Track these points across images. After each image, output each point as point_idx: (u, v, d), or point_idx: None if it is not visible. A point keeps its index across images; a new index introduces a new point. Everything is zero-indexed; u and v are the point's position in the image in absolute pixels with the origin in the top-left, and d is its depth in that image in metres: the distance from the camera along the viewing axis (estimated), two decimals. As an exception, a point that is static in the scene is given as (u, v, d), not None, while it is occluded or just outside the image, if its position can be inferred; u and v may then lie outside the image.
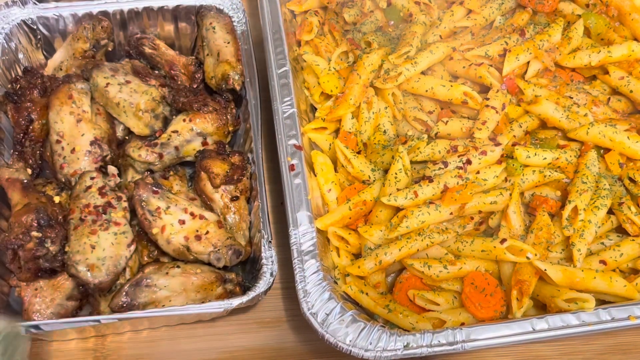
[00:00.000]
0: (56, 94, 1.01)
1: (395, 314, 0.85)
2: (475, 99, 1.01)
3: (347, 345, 0.79)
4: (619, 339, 0.95)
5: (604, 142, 0.97)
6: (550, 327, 0.81)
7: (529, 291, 0.84)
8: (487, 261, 0.89)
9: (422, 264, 0.87)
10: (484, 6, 1.12)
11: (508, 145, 0.96)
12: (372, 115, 1.02)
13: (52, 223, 0.89)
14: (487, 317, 0.85)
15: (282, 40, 1.07)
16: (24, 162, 1.01)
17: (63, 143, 0.99)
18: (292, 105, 1.00)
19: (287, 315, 0.97)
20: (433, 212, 0.90)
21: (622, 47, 1.06)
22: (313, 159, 0.99)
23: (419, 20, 1.10)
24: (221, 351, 0.93)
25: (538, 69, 1.05)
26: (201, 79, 1.11)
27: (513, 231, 0.90)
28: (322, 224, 0.91)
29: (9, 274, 0.92)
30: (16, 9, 1.13)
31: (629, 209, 0.92)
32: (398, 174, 0.93)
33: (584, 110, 1.01)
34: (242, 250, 0.93)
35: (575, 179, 0.93)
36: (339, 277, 0.89)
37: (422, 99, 1.05)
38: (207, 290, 0.90)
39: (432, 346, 0.79)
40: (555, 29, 1.07)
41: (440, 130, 0.99)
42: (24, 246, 0.86)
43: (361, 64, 1.04)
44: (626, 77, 1.04)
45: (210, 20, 1.12)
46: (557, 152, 0.95)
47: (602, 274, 0.86)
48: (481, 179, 0.92)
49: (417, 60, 1.03)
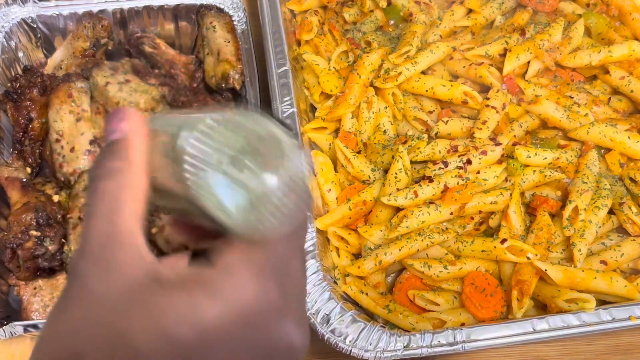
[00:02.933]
0: (56, 93, 1.01)
1: (395, 314, 0.85)
2: (476, 99, 1.01)
3: (347, 345, 0.79)
4: (620, 339, 0.94)
5: (604, 142, 0.97)
6: (551, 328, 0.81)
7: (529, 291, 0.84)
8: (487, 261, 0.89)
9: (422, 264, 0.87)
10: (484, 6, 1.12)
11: (508, 145, 0.95)
12: (372, 115, 1.02)
13: (51, 222, 0.89)
14: (487, 317, 0.85)
15: (282, 40, 1.07)
16: (23, 161, 1.01)
17: (62, 142, 0.98)
18: (292, 104, 1.00)
19: (286, 315, 0.96)
20: (433, 212, 0.89)
21: (622, 46, 1.05)
22: (313, 159, 0.98)
23: (419, 19, 1.10)
24: (220, 351, 0.93)
25: (538, 68, 1.05)
26: (201, 78, 1.10)
27: (513, 231, 0.89)
28: (322, 223, 0.91)
29: (7, 273, 0.92)
30: (16, 8, 1.12)
31: (630, 209, 0.92)
32: (398, 174, 0.92)
33: (585, 110, 1.01)
34: (242, 249, 0.92)
35: (576, 179, 0.93)
36: (338, 277, 0.89)
37: (422, 98, 1.05)
38: None
39: (432, 346, 0.79)
40: (555, 29, 1.07)
41: (440, 130, 0.99)
42: (22, 245, 0.86)
43: (361, 64, 1.04)
44: (627, 77, 1.04)
45: (211, 20, 1.12)
46: (557, 152, 0.95)
47: (602, 274, 0.85)
48: (481, 179, 0.91)
49: (417, 60, 1.03)
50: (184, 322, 0.32)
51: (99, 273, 0.34)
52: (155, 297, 0.33)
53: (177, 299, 0.33)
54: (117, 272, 0.34)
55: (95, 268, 0.34)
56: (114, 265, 0.34)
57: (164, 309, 0.33)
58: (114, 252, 0.34)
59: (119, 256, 0.34)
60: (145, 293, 0.33)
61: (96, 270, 0.34)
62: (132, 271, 0.34)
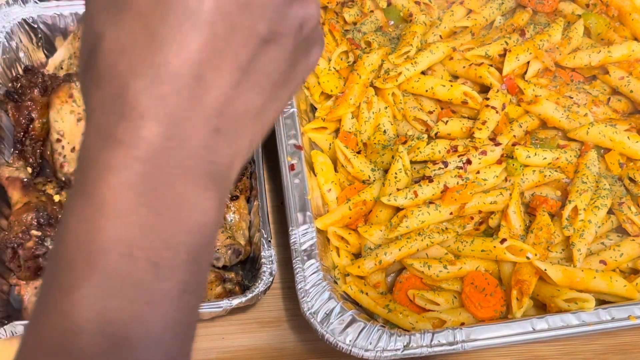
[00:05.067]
0: (57, 93, 1.01)
1: (395, 314, 0.85)
2: (475, 99, 1.01)
3: (347, 345, 0.79)
4: (619, 338, 0.94)
5: (604, 142, 0.97)
6: (551, 327, 0.81)
7: (529, 291, 0.84)
8: (487, 261, 0.89)
9: (422, 264, 0.87)
10: (484, 6, 1.12)
11: (508, 145, 0.96)
12: (372, 115, 1.02)
13: (52, 222, 0.89)
14: (487, 317, 0.85)
15: (283, 40, 1.07)
16: (24, 160, 1.01)
17: (63, 142, 0.99)
18: (292, 105, 1.00)
19: (287, 315, 0.97)
20: (433, 212, 0.90)
21: (622, 47, 1.06)
22: (313, 159, 0.99)
23: (419, 20, 1.10)
24: (221, 351, 0.93)
25: (538, 69, 1.05)
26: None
27: (513, 231, 0.90)
28: (322, 223, 0.91)
29: (8, 273, 0.92)
30: (17, 8, 1.13)
31: (629, 209, 0.92)
32: (398, 173, 0.93)
33: (584, 110, 1.01)
34: (242, 249, 0.92)
35: (575, 179, 0.93)
36: (339, 277, 0.89)
37: (422, 98, 1.05)
38: (207, 289, 0.90)
39: (432, 346, 0.79)
40: (555, 29, 1.07)
41: (440, 130, 0.99)
42: (23, 245, 0.86)
43: (361, 64, 1.04)
44: (626, 77, 1.04)
45: (211, 20, 1.12)
46: (557, 152, 0.95)
47: (602, 274, 0.86)
48: (481, 179, 0.92)
49: (417, 60, 1.03)
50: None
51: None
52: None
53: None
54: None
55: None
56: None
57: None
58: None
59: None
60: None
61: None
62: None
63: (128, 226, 0.32)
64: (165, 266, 0.33)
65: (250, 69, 0.34)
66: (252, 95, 0.35)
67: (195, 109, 0.33)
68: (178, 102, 0.32)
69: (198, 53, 0.32)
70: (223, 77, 0.33)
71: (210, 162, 0.34)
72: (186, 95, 0.32)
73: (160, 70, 0.32)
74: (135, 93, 0.32)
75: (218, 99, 0.33)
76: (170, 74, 0.32)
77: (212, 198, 0.34)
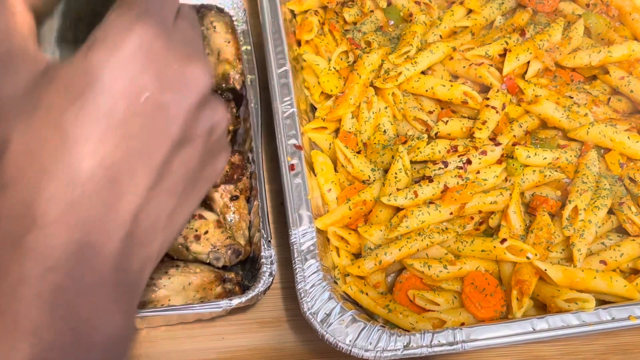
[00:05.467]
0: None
1: (395, 314, 0.85)
2: (475, 99, 1.01)
3: (347, 345, 0.79)
4: (619, 339, 0.94)
5: (604, 142, 0.97)
6: (551, 327, 0.81)
7: (529, 291, 0.84)
8: (487, 261, 0.89)
9: (422, 264, 0.87)
10: (484, 6, 1.12)
11: (508, 145, 0.96)
12: (372, 115, 1.02)
13: None
14: (487, 317, 0.85)
15: (282, 40, 1.07)
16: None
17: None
18: (292, 105, 1.00)
19: (287, 315, 0.97)
20: (433, 212, 0.89)
21: (622, 47, 1.06)
22: (313, 159, 0.99)
23: (419, 20, 1.10)
24: (221, 351, 0.93)
25: (538, 68, 1.05)
26: (201, 78, 1.10)
27: (513, 231, 0.90)
28: (322, 223, 0.91)
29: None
30: (16, 8, 1.12)
31: (630, 209, 0.92)
32: (398, 173, 0.92)
33: (584, 110, 1.01)
34: (242, 249, 0.92)
35: (576, 179, 0.93)
36: (339, 277, 0.89)
37: (422, 98, 1.05)
38: (207, 289, 0.90)
39: (432, 346, 0.79)
40: (555, 29, 1.07)
41: (440, 130, 0.99)
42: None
43: (361, 64, 1.04)
44: (626, 77, 1.04)
45: (211, 19, 1.12)
46: (557, 152, 0.95)
47: (602, 274, 0.85)
48: (481, 179, 0.91)
49: (417, 60, 1.03)
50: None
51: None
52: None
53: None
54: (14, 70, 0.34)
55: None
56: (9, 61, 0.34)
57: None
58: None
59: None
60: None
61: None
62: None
63: (43, 346, 0.30)
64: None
65: (164, 171, 0.34)
66: (165, 198, 0.34)
67: (109, 214, 0.31)
68: (91, 208, 0.31)
69: (113, 153, 0.31)
70: (138, 180, 0.32)
71: (122, 269, 0.33)
72: (100, 200, 0.31)
73: (72, 172, 0.30)
74: (45, 199, 0.30)
75: (132, 203, 0.32)
76: (82, 176, 0.30)
77: (122, 311, 0.33)
